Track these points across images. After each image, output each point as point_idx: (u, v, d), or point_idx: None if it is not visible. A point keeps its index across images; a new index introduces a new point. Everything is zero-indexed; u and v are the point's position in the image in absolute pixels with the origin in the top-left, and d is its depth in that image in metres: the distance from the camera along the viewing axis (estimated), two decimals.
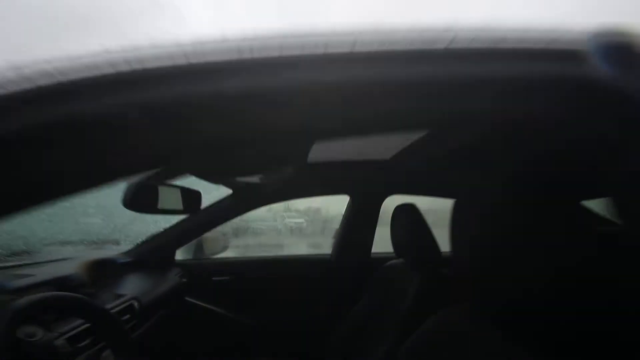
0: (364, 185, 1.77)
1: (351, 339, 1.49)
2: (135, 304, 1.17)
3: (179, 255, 1.81)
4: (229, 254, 1.97)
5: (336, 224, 1.96)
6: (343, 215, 1.86)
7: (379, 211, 1.82)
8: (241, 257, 1.91)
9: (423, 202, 1.51)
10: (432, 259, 1.33)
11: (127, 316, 1.09)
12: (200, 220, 1.71)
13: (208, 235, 1.84)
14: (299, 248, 4.49)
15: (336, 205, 1.96)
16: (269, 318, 1.80)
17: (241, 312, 1.78)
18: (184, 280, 1.69)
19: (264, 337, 1.78)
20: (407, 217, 1.37)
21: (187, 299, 1.71)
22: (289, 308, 1.81)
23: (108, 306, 1.02)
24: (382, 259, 1.68)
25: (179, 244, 1.74)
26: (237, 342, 1.75)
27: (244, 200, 1.73)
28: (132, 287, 1.30)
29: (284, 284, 1.82)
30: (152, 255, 1.67)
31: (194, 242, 1.84)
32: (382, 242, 1.76)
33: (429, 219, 1.36)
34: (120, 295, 1.14)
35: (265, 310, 1.81)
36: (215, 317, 1.73)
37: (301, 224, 4.85)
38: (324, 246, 2.03)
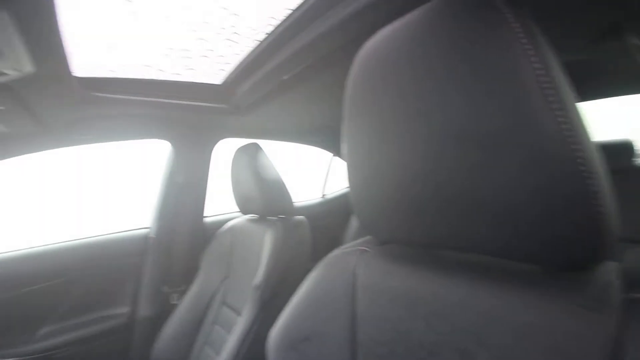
0: (189, 127, 1.29)
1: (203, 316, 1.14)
2: None
3: None
4: None
5: None
6: (163, 171, 1.34)
7: (209, 162, 1.40)
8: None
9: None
10: (286, 210, 1.09)
11: None
12: None
13: None
14: None
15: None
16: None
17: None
18: None
19: None
20: (252, 161, 1.06)
21: None
22: (89, 313, 1.21)
23: None
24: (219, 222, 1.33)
25: None
26: None
27: None
28: None
29: (78, 280, 1.18)
30: None
31: None
32: None
33: None
34: None
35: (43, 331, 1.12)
36: None
37: None
38: None
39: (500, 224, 0.29)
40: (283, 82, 0.93)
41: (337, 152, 1.89)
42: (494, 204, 0.29)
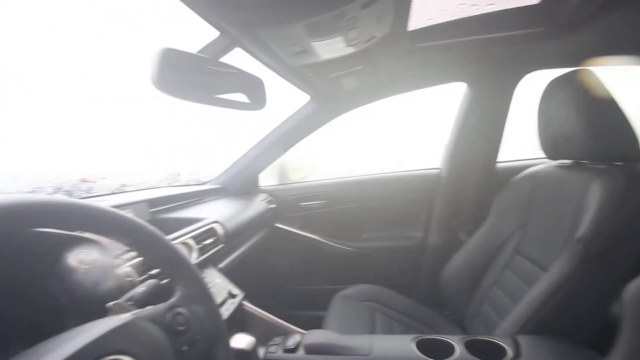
0: (490, 64, 1.21)
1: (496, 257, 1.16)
2: (219, 228, 1.03)
3: (268, 181, 1.67)
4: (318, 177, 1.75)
5: None
6: (457, 114, 1.38)
7: (509, 102, 1.28)
8: (332, 178, 1.67)
9: None
10: (628, 156, 0.82)
11: (210, 240, 0.96)
12: (278, 136, 1.47)
13: (289, 156, 1.63)
14: None
15: None
16: (371, 243, 1.58)
17: (336, 238, 1.59)
18: (273, 206, 1.54)
19: (365, 262, 1.57)
20: (578, 93, 0.85)
21: (278, 225, 1.57)
22: (394, 230, 1.57)
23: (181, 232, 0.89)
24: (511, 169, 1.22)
25: (260, 168, 1.56)
26: (333, 269, 1.59)
27: (328, 105, 1.39)
28: (214, 212, 1.17)
29: (387, 205, 1.55)
30: (235, 181, 1.54)
31: (278, 165, 1.66)
32: None
33: None
34: (197, 220, 1.01)
35: (366, 236, 1.59)
36: (309, 245, 1.57)
37: None
38: None
39: None
40: None
41: None
42: None
